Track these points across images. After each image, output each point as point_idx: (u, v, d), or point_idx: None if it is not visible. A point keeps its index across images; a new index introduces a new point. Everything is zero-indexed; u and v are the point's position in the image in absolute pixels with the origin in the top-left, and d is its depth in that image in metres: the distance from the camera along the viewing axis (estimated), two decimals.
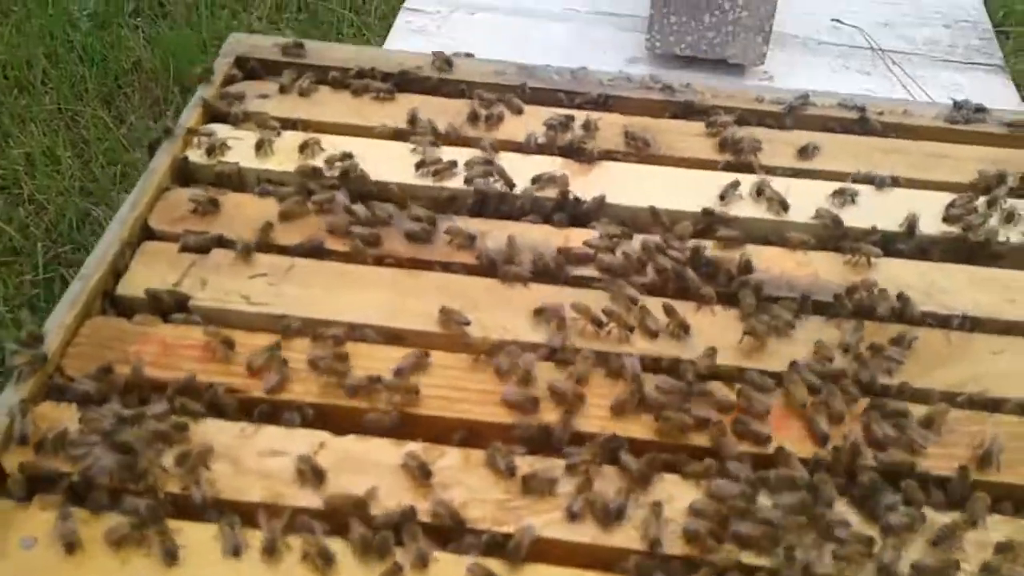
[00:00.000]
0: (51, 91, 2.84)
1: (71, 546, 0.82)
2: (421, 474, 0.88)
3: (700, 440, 0.92)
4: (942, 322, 1.05)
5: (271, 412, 0.94)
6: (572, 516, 0.86)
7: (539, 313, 1.01)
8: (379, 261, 1.08)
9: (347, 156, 1.18)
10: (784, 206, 1.15)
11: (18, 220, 2.49)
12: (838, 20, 1.96)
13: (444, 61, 1.31)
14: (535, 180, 1.17)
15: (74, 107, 2.81)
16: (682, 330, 1.01)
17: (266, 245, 1.08)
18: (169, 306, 1.02)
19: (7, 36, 2.97)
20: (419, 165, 1.17)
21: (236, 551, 0.82)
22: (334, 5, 3.14)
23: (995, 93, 1.76)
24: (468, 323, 1.01)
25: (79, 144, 2.72)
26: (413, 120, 1.23)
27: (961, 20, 1.99)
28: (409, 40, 1.81)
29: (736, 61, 1.78)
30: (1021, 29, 2.17)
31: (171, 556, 0.82)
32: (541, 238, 1.11)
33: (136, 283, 1.04)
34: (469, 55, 1.34)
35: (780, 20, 1.75)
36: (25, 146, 2.67)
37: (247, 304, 1.03)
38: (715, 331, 1.01)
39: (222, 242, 1.08)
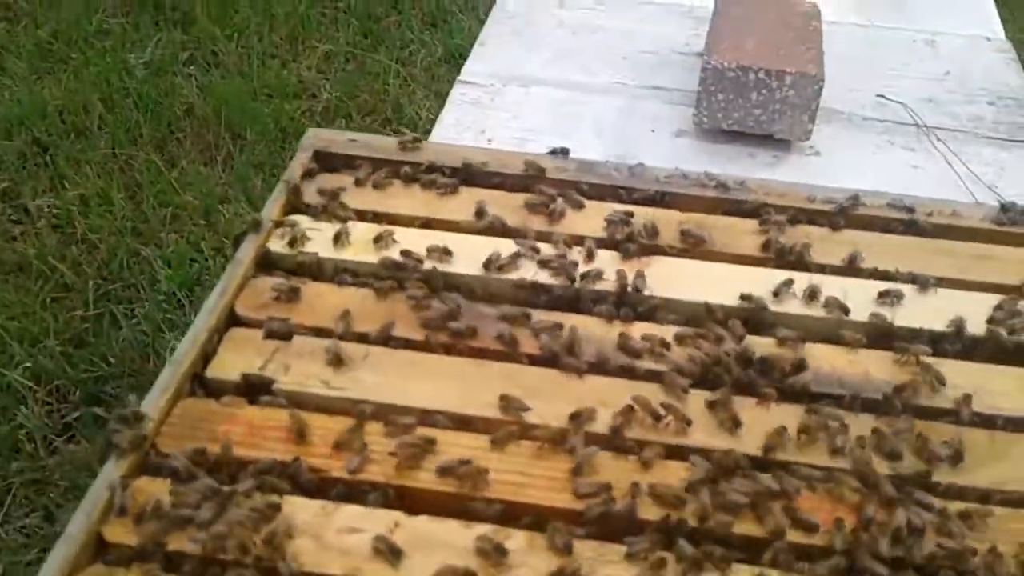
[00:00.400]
0: (106, 135, 2.95)
1: None
2: (496, 554, 0.93)
3: (756, 529, 0.97)
4: (986, 422, 1.09)
5: (348, 492, 1.00)
6: None
7: (575, 418, 1.06)
8: (448, 350, 1.15)
9: (446, 252, 1.24)
10: (844, 309, 1.19)
11: (71, 258, 2.59)
12: (883, 96, 1.99)
13: (537, 168, 1.36)
14: (585, 276, 1.22)
15: (128, 151, 2.91)
16: (734, 424, 1.06)
17: (345, 334, 1.15)
18: (255, 389, 1.08)
19: (65, 82, 3.09)
20: (487, 265, 1.23)
21: None
22: (381, 56, 3.25)
23: None
24: (527, 409, 1.07)
25: (132, 187, 2.82)
26: (480, 214, 1.29)
27: (1007, 97, 2.02)
28: (464, 111, 1.88)
29: (782, 137, 1.83)
30: None
31: None
32: (601, 331, 1.16)
33: (223, 367, 1.11)
34: (565, 150, 1.40)
35: (825, 95, 1.79)
36: (80, 187, 2.77)
37: (327, 389, 1.09)
38: (765, 426, 1.06)
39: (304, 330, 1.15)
